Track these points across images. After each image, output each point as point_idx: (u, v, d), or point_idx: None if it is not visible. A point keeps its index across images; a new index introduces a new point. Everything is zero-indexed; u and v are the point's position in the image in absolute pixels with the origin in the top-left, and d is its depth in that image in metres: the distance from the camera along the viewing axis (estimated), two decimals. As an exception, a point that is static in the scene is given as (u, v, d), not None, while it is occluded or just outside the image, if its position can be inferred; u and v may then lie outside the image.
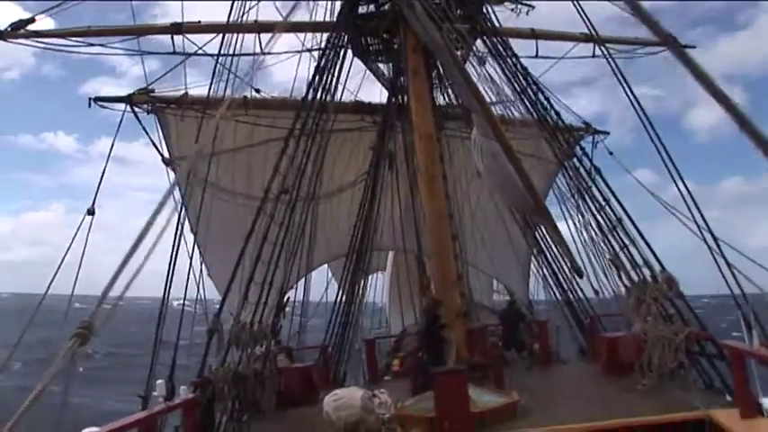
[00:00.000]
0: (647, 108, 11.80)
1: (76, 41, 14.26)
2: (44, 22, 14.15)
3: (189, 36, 14.66)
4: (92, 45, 14.27)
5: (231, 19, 14.52)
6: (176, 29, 14.79)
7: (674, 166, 11.11)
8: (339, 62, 14.44)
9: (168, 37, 14.83)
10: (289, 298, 12.71)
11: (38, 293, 10.69)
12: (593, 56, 17.49)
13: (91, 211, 11.35)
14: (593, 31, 13.44)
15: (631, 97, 11.90)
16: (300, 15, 16.14)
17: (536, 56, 16.45)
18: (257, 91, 16.56)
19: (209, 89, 14.42)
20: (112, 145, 14.00)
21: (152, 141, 15.95)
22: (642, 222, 11.81)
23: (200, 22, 15.09)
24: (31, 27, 13.93)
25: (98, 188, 12.53)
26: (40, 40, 13.94)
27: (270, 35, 14.69)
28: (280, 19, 15.39)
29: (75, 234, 10.77)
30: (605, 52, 13.05)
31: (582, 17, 13.17)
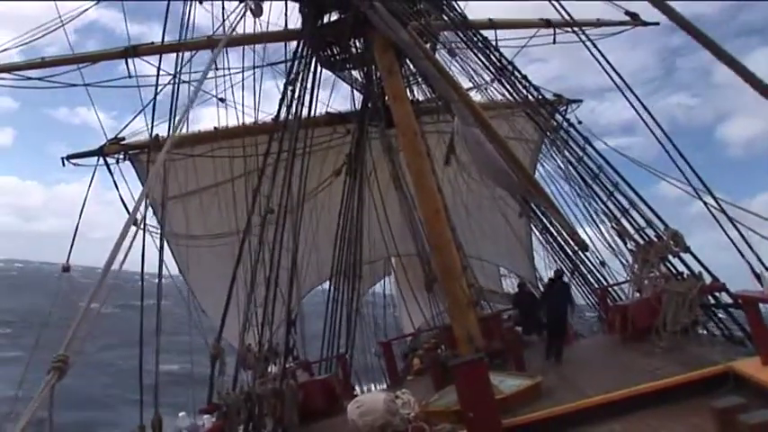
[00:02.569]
0: (679, 119, 11.28)
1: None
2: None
3: (145, 58, 14.49)
4: (43, 79, 14.21)
5: (186, 37, 14.34)
6: (131, 52, 14.63)
7: (685, 159, 10.66)
8: (309, 75, 14.41)
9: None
10: (297, 314, 12.66)
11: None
12: (554, 42, 17.55)
13: (66, 269, 11.49)
14: (565, 14, 13.17)
15: (612, 73, 11.59)
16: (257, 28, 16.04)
17: (496, 46, 16.21)
18: (222, 100, 16.27)
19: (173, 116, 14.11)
20: (85, 199, 13.67)
21: (121, 199, 14.83)
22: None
23: (152, 43, 15.01)
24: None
25: (72, 244, 12.53)
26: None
27: (227, 51, 14.64)
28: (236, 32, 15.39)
29: (59, 295, 11.00)
30: (582, 36, 12.73)
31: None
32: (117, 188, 15.15)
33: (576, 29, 13.11)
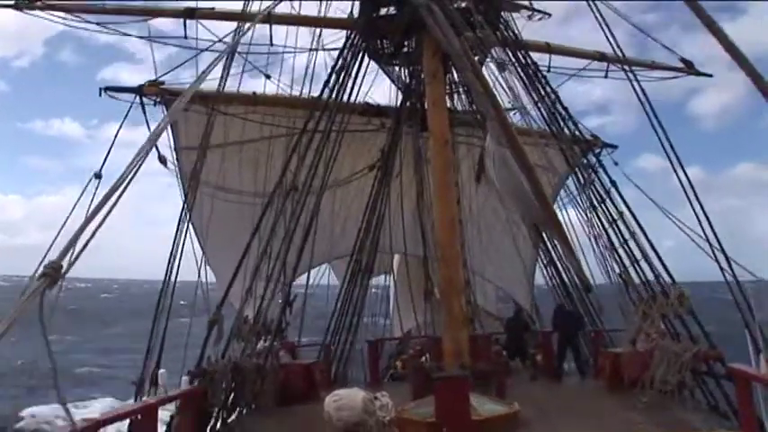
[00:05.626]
0: (652, 97, 11.33)
1: (86, 20, 14.28)
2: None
3: (202, 22, 14.54)
4: (99, 24, 14.25)
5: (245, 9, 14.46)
6: (189, 13, 14.64)
7: (679, 160, 10.75)
8: (356, 64, 14.47)
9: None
10: (296, 295, 12.70)
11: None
12: (606, 76, 17.43)
13: (98, 175, 11.03)
14: (617, 49, 13.05)
15: (654, 122, 11.52)
16: (314, 11, 16.27)
17: (548, 70, 16.15)
18: (268, 77, 16.28)
19: (222, 81, 14.16)
20: (118, 131, 13.73)
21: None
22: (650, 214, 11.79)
23: (214, 9, 15.08)
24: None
25: (106, 157, 12.32)
26: (53, 13, 13.99)
27: (284, 27, 14.92)
28: (294, 11, 15.57)
29: (81, 196, 10.56)
30: (629, 75, 12.60)
31: (605, 34, 12.82)
32: (149, 127, 15.20)
33: (627, 67, 13.04)
